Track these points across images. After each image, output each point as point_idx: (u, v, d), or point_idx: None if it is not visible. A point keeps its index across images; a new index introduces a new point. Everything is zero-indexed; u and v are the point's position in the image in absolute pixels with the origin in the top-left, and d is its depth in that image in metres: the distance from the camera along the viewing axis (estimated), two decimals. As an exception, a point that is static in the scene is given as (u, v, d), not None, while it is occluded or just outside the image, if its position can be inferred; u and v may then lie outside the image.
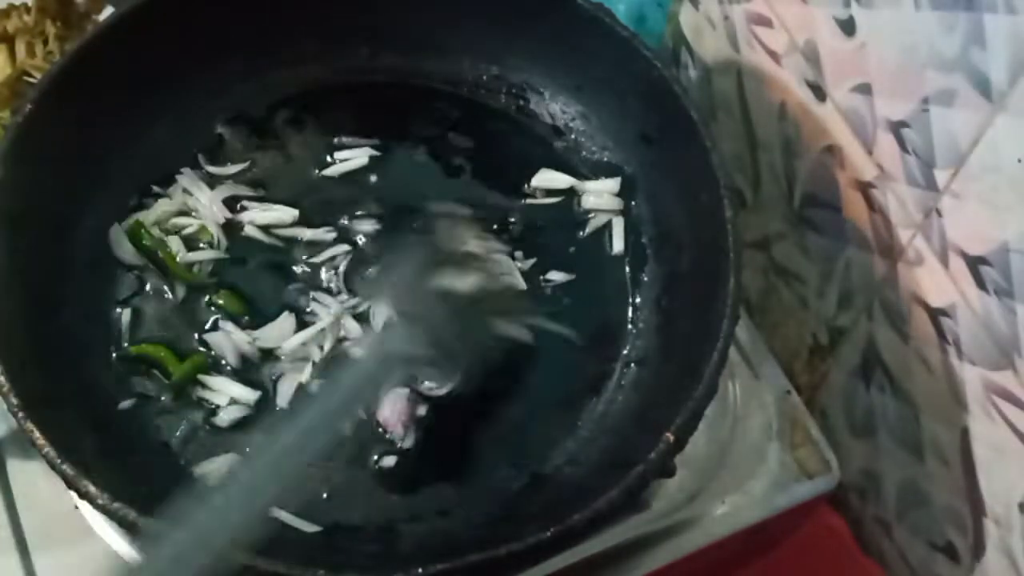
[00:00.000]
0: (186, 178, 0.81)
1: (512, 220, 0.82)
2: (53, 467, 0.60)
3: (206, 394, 0.73)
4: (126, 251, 0.77)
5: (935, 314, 0.72)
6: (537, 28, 0.84)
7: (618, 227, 0.82)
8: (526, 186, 0.84)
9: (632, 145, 0.83)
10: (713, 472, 0.76)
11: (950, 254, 0.68)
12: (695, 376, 0.66)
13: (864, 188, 0.76)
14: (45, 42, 0.84)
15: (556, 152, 0.86)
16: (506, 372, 0.76)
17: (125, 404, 0.72)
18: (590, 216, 0.83)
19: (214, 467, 0.70)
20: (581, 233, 0.82)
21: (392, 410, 0.73)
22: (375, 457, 0.72)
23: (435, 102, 0.87)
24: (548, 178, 0.84)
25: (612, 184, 0.84)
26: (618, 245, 0.82)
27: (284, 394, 0.73)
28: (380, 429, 0.72)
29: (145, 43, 0.76)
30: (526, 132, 0.87)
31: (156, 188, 0.80)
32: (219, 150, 0.83)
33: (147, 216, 0.79)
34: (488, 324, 0.73)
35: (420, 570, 0.59)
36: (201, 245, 0.79)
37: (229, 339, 0.74)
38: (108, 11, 0.86)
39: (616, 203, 0.83)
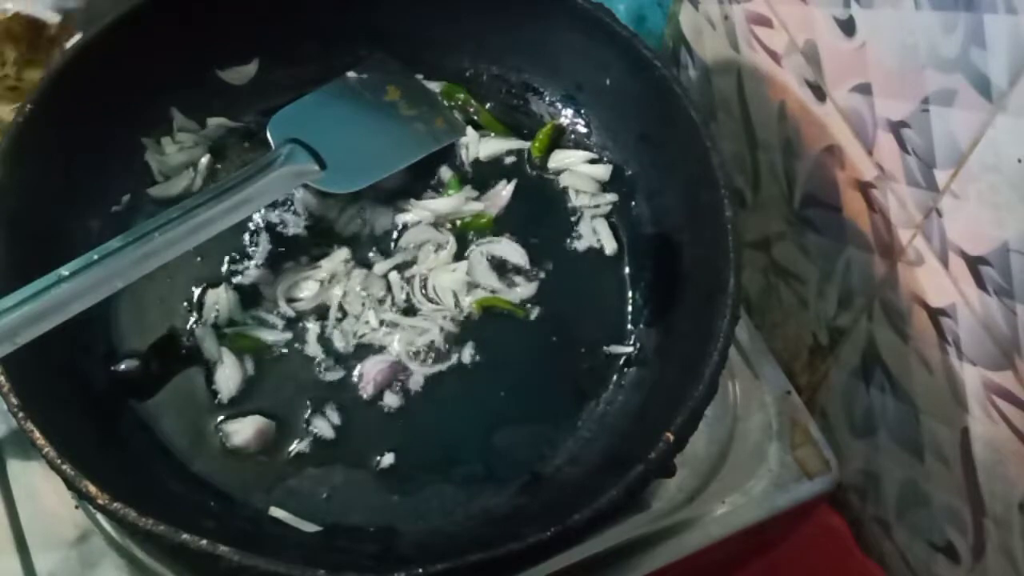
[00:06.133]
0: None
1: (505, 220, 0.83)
2: (53, 467, 0.60)
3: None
4: None
5: (935, 314, 0.72)
6: (537, 28, 0.84)
7: (602, 227, 0.82)
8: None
9: (632, 145, 0.83)
10: (713, 472, 0.76)
11: (950, 254, 0.68)
12: (695, 376, 0.66)
13: (864, 188, 0.76)
14: (2, 64, 0.82)
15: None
16: (506, 372, 0.76)
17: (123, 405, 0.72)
18: (580, 216, 0.83)
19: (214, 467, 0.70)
20: (575, 233, 0.82)
21: (376, 368, 0.74)
22: (375, 457, 0.72)
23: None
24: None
25: (600, 171, 0.84)
26: (609, 246, 0.81)
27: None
28: (355, 380, 0.74)
29: (145, 44, 0.76)
30: (525, 132, 0.87)
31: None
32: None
33: None
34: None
35: (420, 570, 0.59)
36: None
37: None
38: (77, 38, 0.82)
39: (599, 190, 0.84)
